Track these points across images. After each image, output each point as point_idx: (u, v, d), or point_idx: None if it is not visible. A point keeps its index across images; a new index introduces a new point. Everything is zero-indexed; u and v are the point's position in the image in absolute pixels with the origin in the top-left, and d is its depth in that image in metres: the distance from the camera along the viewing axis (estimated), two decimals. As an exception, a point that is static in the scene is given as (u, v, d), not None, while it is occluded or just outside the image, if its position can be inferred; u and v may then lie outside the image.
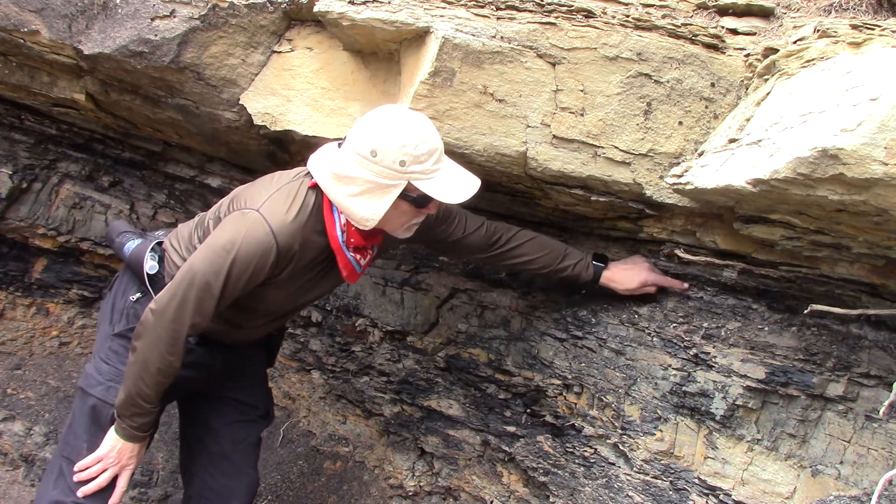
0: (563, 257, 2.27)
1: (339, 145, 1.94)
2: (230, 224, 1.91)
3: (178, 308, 1.86)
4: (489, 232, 2.26)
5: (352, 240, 1.97)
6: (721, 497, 2.12)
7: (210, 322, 2.09)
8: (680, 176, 2.03)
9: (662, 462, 2.27)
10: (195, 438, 2.37)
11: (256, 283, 1.92)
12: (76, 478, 2.00)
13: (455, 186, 1.87)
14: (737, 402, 2.11)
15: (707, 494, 2.16)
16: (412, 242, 2.30)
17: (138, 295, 2.15)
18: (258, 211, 1.88)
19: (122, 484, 2.04)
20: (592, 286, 2.33)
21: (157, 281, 2.10)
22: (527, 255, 2.26)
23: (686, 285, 2.25)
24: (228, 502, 2.32)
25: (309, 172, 1.98)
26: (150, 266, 2.14)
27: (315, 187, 1.95)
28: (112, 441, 2.00)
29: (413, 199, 1.87)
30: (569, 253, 2.29)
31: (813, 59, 1.79)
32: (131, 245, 2.25)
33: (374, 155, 1.80)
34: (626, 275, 2.28)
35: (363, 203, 1.84)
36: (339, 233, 1.95)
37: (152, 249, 2.17)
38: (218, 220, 2.03)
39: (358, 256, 2.02)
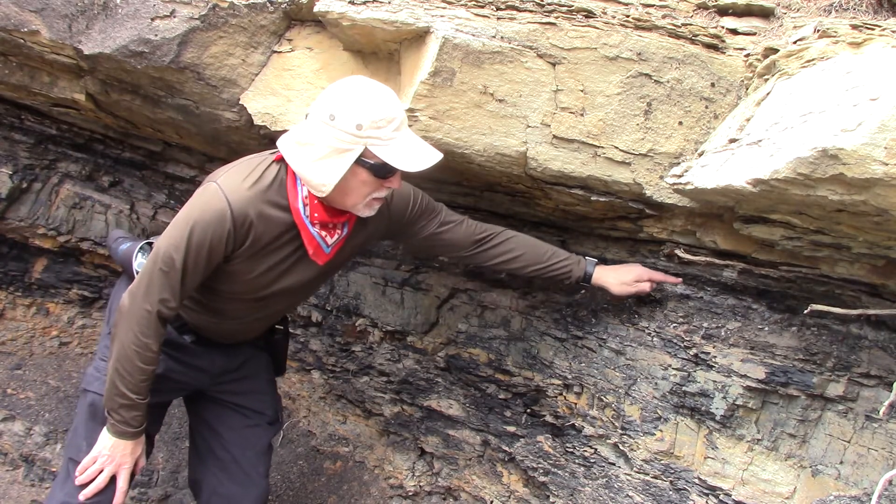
0: (552, 254, 2.24)
1: (307, 116, 1.94)
2: (192, 199, 1.92)
3: (147, 286, 1.87)
4: (471, 228, 2.22)
5: (315, 214, 1.93)
6: (721, 497, 2.12)
7: (194, 312, 2.11)
8: (680, 176, 2.04)
9: (662, 462, 2.27)
10: (203, 440, 2.35)
11: (219, 257, 1.90)
12: (78, 481, 2.01)
13: (413, 155, 1.83)
14: (737, 402, 2.11)
15: (707, 494, 2.16)
16: (393, 238, 2.26)
17: None
18: (216, 182, 1.89)
19: (121, 484, 2.04)
20: (585, 283, 2.27)
21: None
22: (513, 251, 2.21)
23: (680, 280, 2.22)
24: None
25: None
26: (138, 263, 2.17)
27: (280, 161, 1.94)
28: (105, 439, 2.00)
29: (371, 166, 1.83)
30: (557, 251, 2.26)
31: (813, 59, 1.79)
32: (124, 247, 2.31)
33: (332, 119, 1.80)
34: (621, 270, 2.25)
35: (320, 167, 1.83)
36: (300, 205, 1.92)
37: (141, 248, 2.22)
38: None
39: (324, 233, 1.98)
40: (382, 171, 1.85)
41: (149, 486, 3.05)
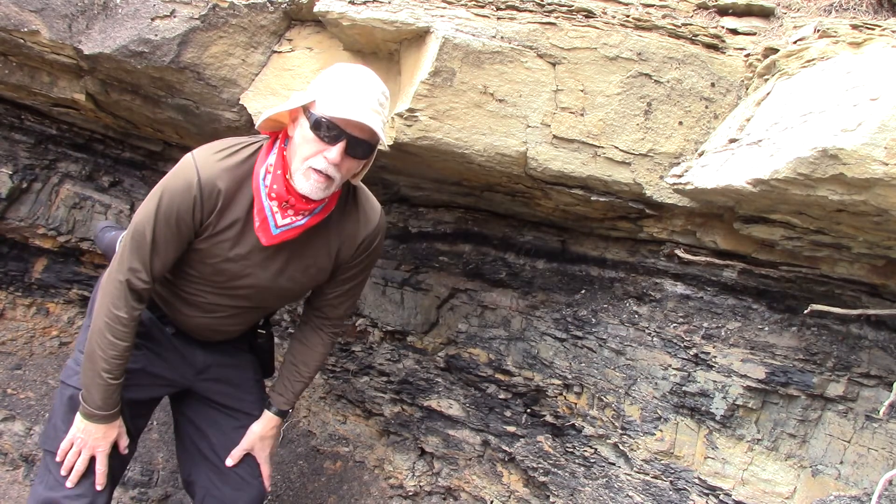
0: (287, 376, 2.31)
1: None
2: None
3: (120, 258, 1.91)
4: (325, 305, 2.26)
5: (274, 186, 1.85)
6: (721, 497, 2.12)
7: (170, 305, 2.11)
8: (680, 176, 2.04)
9: (662, 462, 2.27)
10: (191, 441, 2.33)
11: (188, 228, 1.89)
12: (63, 469, 2.01)
13: (345, 110, 1.74)
14: (737, 402, 2.11)
15: (707, 494, 2.16)
16: (336, 270, 2.18)
17: None
18: (191, 153, 1.89)
19: (99, 467, 2.03)
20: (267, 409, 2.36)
21: None
22: (295, 341, 2.33)
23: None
24: None
25: None
26: None
27: (264, 139, 1.95)
28: (77, 422, 2.01)
29: (310, 115, 1.77)
30: (293, 381, 2.31)
31: (813, 59, 1.79)
32: (110, 234, 2.34)
33: (311, 82, 1.86)
34: (261, 433, 2.29)
35: (274, 109, 1.86)
36: (262, 173, 1.89)
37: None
38: None
39: (276, 210, 1.88)
40: (319, 126, 1.76)
41: (149, 486, 3.05)
